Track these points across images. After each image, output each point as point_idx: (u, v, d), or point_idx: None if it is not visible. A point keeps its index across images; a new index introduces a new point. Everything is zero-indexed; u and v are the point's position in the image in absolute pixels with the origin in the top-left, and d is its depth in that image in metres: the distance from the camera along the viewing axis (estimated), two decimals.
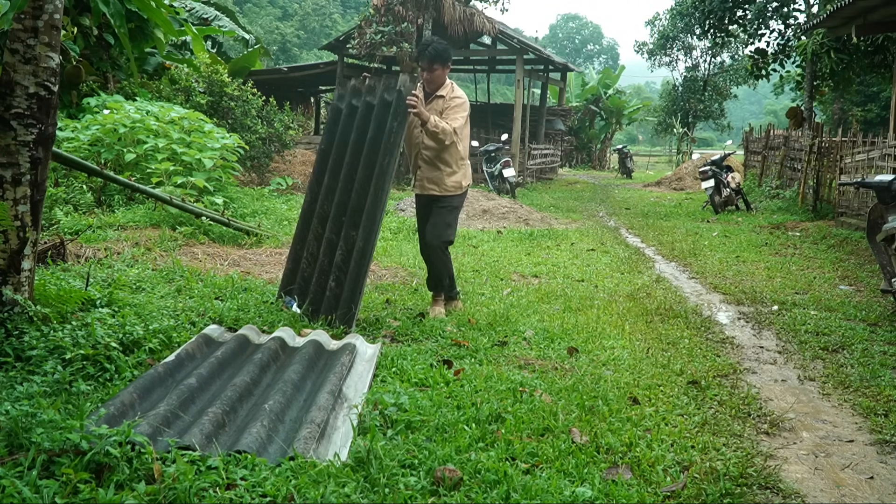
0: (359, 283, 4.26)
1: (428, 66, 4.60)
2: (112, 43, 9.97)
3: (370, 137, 4.42)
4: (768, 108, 64.99)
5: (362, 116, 4.53)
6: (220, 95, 12.26)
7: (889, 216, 5.24)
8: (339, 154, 4.58)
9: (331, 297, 4.33)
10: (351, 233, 4.33)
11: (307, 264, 4.52)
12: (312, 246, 4.53)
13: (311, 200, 4.64)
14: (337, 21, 58.69)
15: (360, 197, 4.37)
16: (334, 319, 4.28)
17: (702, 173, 12.68)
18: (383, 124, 4.40)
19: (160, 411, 2.78)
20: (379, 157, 4.35)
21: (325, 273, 4.42)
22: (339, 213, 4.44)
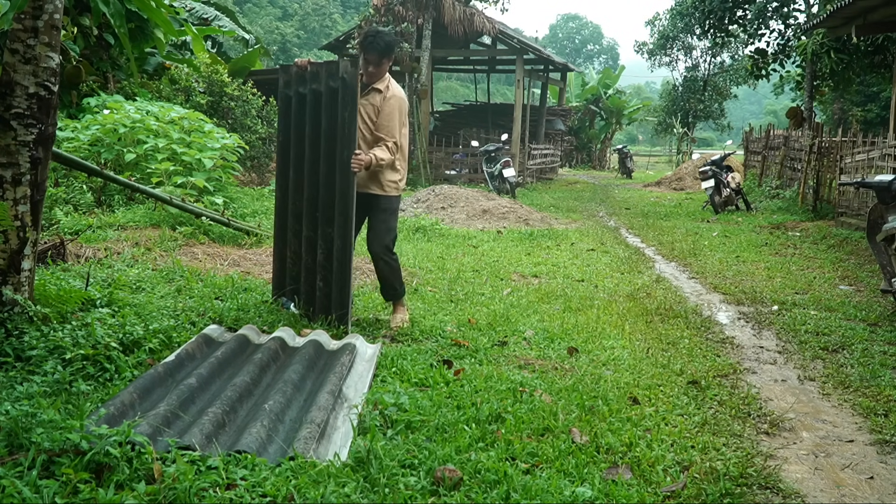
0: (344, 285, 4.18)
1: (376, 60, 4.28)
2: (112, 43, 9.97)
3: (325, 129, 4.21)
4: (768, 108, 64.98)
5: (312, 106, 4.29)
6: (220, 95, 12.26)
7: (889, 216, 5.24)
8: (299, 146, 4.37)
9: (322, 296, 4.27)
10: (327, 230, 4.21)
11: (292, 263, 4.44)
12: (293, 244, 4.42)
13: (282, 196, 4.48)
14: (337, 21, 58.68)
15: (327, 191, 4.20)
16: (333, 319, 4.25)
17: (702, 173, 12.68)
18: (333, 114, 4.17)
19: (160, 411, 2.78)
20: (337, 151, 4.14)
21: (312, 271, 4.34)
22: (311, 209, 4.29)
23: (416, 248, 7.61)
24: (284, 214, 4.48)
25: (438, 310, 4.98)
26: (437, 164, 17.27)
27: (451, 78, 58.36)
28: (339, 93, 4.14)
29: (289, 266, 4.46)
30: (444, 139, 18.07)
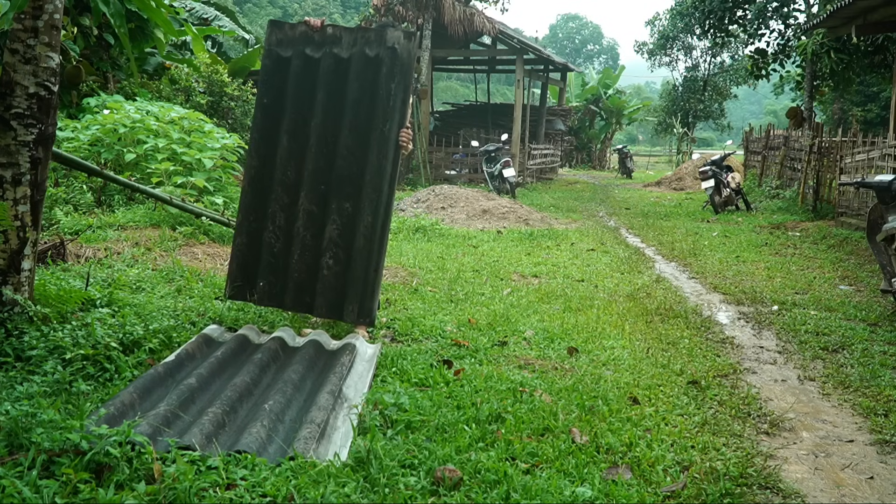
0: (369, 267, 3.77)
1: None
2: (112, 43, 9.97)
3: (354, 99, 3.89)
4: (768, 108, 64.97)
5: (332, 72, 3.92)
6: (220, 95, 12.26)
7: (889, 216, 5.24)
8: (301, 113, 3.96)
9: (330, 276, 3.83)
10: (344, 205, 3.83)
11: (276, 238, 3.93)
12: (279, 217, 3.92)
13: (262, 165, 3.97)
14: (337, 21, 58.69)
15: (350, 165, 3.85)
16: (349, 309, 3.80)
17: (702, 173, 12.68)
18: (373, 85, 3.88)
19: (160, 411, 2.78)
20: (378, 122, 3.86)
21: (313, 249, 3.89)
22: (315, 182, 3.89)
23: (416, 248, 7.61)
24: (267, 185, 3.96)
25: (438, 310, 4.98)
26: (437, 164, 17.27)
27: (451, 78, 58.33)
28: (383, 62, 3.87)
29: (268, 241, 3.93)
30: (444, 139, 18.06)
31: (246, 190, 4.01)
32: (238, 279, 3.96)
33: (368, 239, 3.83)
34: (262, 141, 4.00)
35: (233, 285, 4.01)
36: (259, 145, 4.01)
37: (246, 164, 4.04)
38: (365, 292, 3.81)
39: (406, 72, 3.90)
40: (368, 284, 3.79)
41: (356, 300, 3.81)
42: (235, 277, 3.98)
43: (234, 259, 4.01)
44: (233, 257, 4.01)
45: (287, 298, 3.92)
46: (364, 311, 3.80)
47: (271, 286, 3.93)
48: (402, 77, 3.89)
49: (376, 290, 3.85)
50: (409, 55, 3.91)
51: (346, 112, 3.91)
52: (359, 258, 3.82)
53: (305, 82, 3.97)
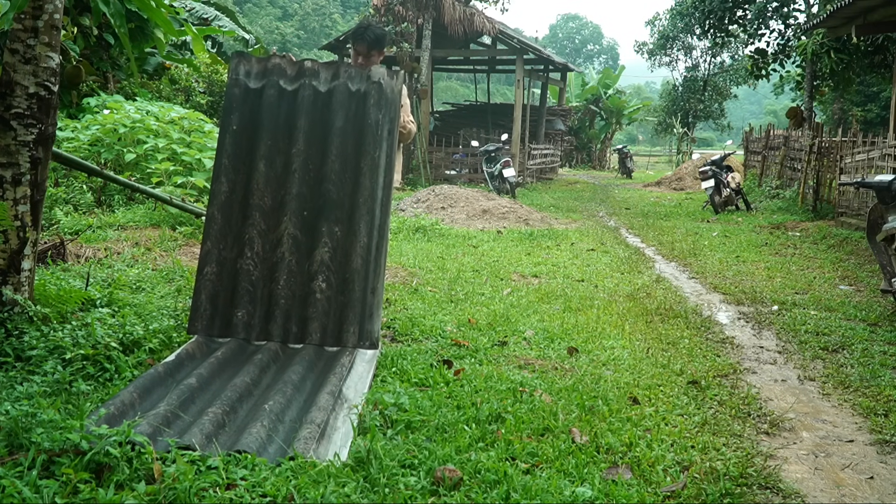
0: (366, 291, 3.65)
1: (364, 51, 4.37)
2: (112, 43, 9.97)
3: (339, 127, 3.87)
4: (768, 108, 64.98)
5: (312, 102, 3.91)
6: (220, 95, 12.26)
7: (889, 216, 5.24)
8: (278, 140, 3.86)
9: (323, 300, 3.66)
10: (334, 229, 3.73)
11: (254, 266, 3.68)
12: (257, 244, 3.70)
13: (231, 191, 3.76)
14: (337, 21, 58.68)
15: (339, 189, 3.79)
16: (349, 332, 3.64)
17: (702, 173, 12.68)
18: (359, 115, 3.90)
19: (160, 411, 2.78)
20: (368, 149, 3.84)
21: (301, 274, 3.71)
22: (299, 207, 3.75)
23: (416, 248, 7.62)
24: (241, 210, 3.75)
25: (438, 310, 4.98)
26: (437, 164, 17.27)
27: (451, 78, 58.37)
28: (370, 95, 3.92)
29: (246, 268, 3.67)
30: (444, 139, 18.06)
31: (214, 216, 3.70)
32: (207, 311, 3.57)
33: (365, 260, 3.70)
34: (233, 167, 3.79)
35: (199, 318, 3.56)
36: (228, 170, 3.78)
37: (212, 190, 3.76)
38: (364, 314, 3.63)
39: (392, 106, 3.94)
40: (367, 306, 3.63)
41: (355, 322, 3.62)
42: (203, 309, 3.56)
43: (202, 290, 3.60)
44: (198, 289, 3.60)
45: (273, 328, 3.62)
46: (364, 333, 3.62)
47: (250, 316, 3.62)
48: (387, 109, 3.92)
49: (375, 313, 3.66)
50: (394, 91, 3.96)
51: (331, 139, 3.85)
52: (356, 279, 3.66)
53: (282, 111, 3.89)
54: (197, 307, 3.60)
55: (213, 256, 3.65)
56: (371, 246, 3.74)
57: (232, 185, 3.77)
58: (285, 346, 3.78)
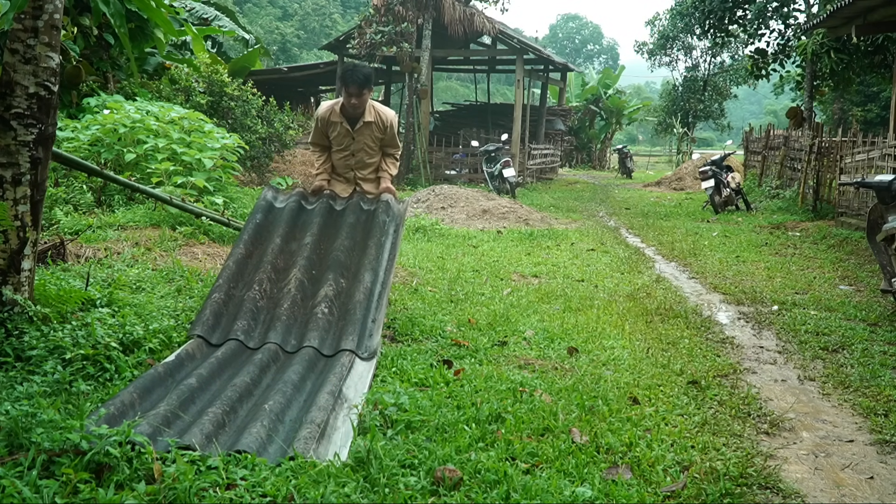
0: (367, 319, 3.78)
1: (357, 92, 4.52)
2: (112, 43, 9.97)
3: (350, 223, 4.36)
4: (768, 108, 64.95)
5: (328, 210, 4.48)
6: (220, 95, 12.26)
7: (889, 216, 5.24)
8: (296, 227, 4.38)
9: (324, 320, 3.78)
10: (340, 280, 3.97)
11: (261, 296, 3.88)
12: (266, 284, 3.95)
13: (248, 255, 4.16)
14: (337, 21, 58.65)
15: (347, 258, 4.13)
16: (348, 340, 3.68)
17: (702, 173, 12.68)
18: (369, 217, 4.43)
19: (160, 411, 2.78)
20: (375, 234, 4.29)
21: (304, 305, 3.88)
22: (308, 266, 4.06)
23: (416, 248, 7.62)
24: (255, 266, 4.10)
25: (438, 310, 4.98)
26: (437, 164, 17.27)
27: (451, 78, 58.35)
28: (379, 207, 4.48)
29: (251, 298, 3.87)
30: (444, 139, 18.06)
31: (229, 266, 4.06)
32: (209, 321, 3.75)
33: (367, 296, 3.90)
34: (251, 241, 4.26)
35: (200, 324, 3.73)
36: (248, 243, 4.23)
37: (231, 252, 4.19)
38: (363, 334, 3.72)
39: (399, 216, 4.43)
40: (367, 329, 3.74)
41: (354, 336, 3.71)
42: (206, 319, 3.76)
43: (208, 307, 3.82)
44: (206, 305, 3.83)
45: (272, 336, 3.69)
46: (362, 346, 3.68)
47: (251, 328, 3.75)
48: (394, 217, 4.42)
49: (375, 334, 3.73)
50: (401, 212, 4.50)
51: (343, 229, 4.33)
52: (357, 308, 3.83)
53: (301, 215, 4.48)
54: (200, 317, 3.77)
55: (223, 289, 3.93)
56: (374, 291, 3.95)
57: (249, 251, 4.19)
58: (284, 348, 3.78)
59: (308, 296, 3.91)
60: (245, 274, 4.03)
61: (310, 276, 4.00)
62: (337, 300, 3.87)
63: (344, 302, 3.87)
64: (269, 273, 3.99)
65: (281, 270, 4.05)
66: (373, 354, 3.63)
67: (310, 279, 3.99)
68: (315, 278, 4.00)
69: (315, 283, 3.97)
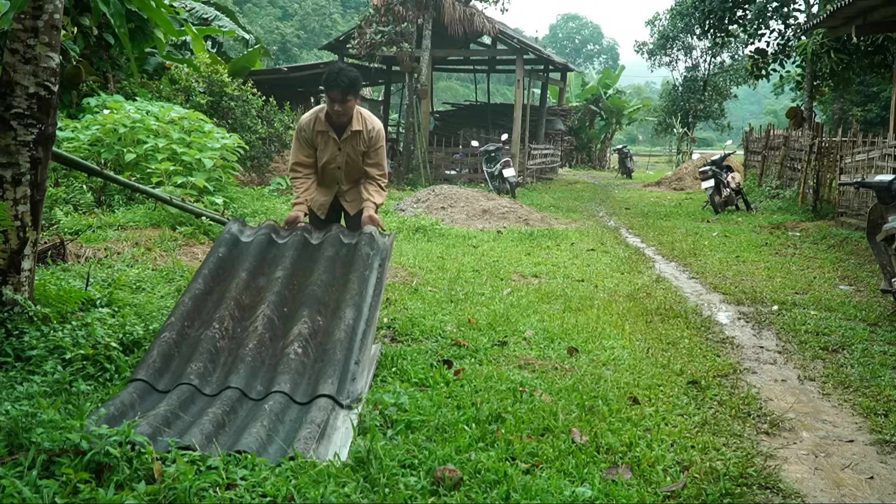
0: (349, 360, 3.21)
1: (341, 97, 4.08)
2: (112, 43, 9.97)
3: (328, 256, 3.81)
4: (768, 108, 64.96)
5: (303, 244, 3.90)
6: (220, 95, 12.26)
7: (889, 216, 5.24)
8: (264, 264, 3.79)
9: (297, 361, 3.19)
10: (316, 317, 3.43)
11: (221, 336, 3.31)
12: (228, 322, 3.38)
13: (208, 292, 3.58)
14: (337, 21, 58.65)
15: (325, 293, 3.58)
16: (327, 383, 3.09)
17: (702, 173, 12.68)
18: (349, 252, 3.84)
19: (160, 411, 2.78)
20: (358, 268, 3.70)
21: (274, 345, 3.32)
22: (279, 303, 3.51)
23: (416, 248, 7.62)
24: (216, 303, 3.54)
25: (438, 310, 4.98)
26: (437, 164, 17.27)
27: (451, 78, 58.35)
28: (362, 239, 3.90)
29: (210, 337, 3.28)
30: (444, 139, 18.06)
31: (185, 302, 3.47)
32: (157, 363, 3.16)
33: (349, 335, 3.34)
34: (212, 275, 3.67)
35: (145, 368, 3.11)
36: (207, 278, 3.64)
37: (189, 285, 3.61)
38: (344, 377, 3.15)
39: (384, 250, 3.88)
40: (349, 372, 3.18)
41: (334, 378, 3.12)
42: (153, 361, 3.16)
43: (156, 347, 3.23)
44: (154, 346, 3.24)
45: (234, 380, 3.09)
46: (344, 391, 3.10)
47: (208, 371, 3.16)
48: (378, 251, 3.85)
49: (359, 379, 3.19)
50: (387, 246, 3.94)
51: (320, 263, 3.78)
52: (338, 348, 3.26)
53: (271, 249, 3.89)
54: (146, 359, 3.16)
55: (175, 327, 3.33)
56: (356, 328, 3.39)
57: (209, 287, 3.61)
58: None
59: (278, 335, 3.37)
60: (203, 312, 3.48)
61: (280, 314, 3.47)
62: (313, 339, 3.33)
63: (321, 342, 3.33)
64: (231, 310, 3.44)
65: (246, 308, 3.52)
66: (356, 401, 3.08)
67: (280, 317, 3.45)
68: (286, 316, 3.47)
69: (287, 322, 3.44)
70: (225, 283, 3.64)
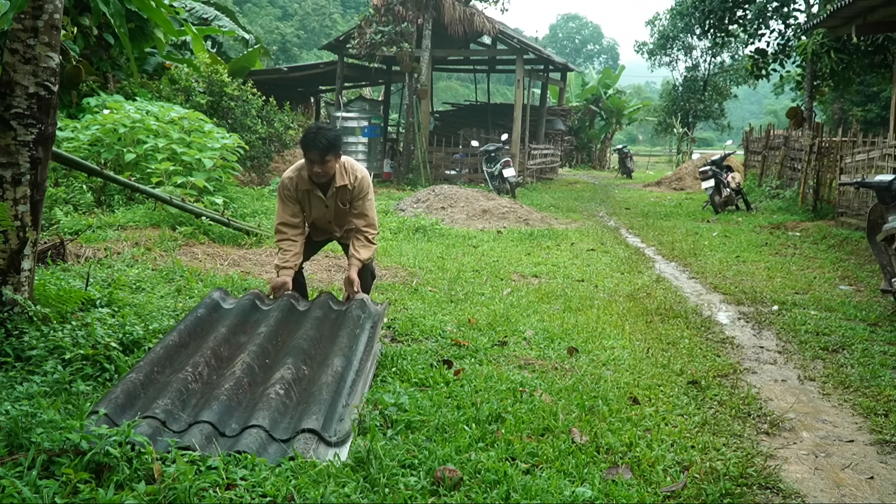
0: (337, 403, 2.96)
1: (320, 159, 3.91)
2: (112, 43, 9.98)
3: (316, 317, 3.67)
4: (768, 108, 64.94)
5: (290, 309, 3.76)
6: (220, 95, 12.26)
7: (889, 216, 5.24)
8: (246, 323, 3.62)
9: (278, 401, 2.90)
10: (301, 366, 3.21)
11: (194, 379, 3.03)
12: (204, 369, 3.13)
13: (183, 345, 3.37)
14: (337, 21, 58.63)
15: (311, 346, 3.41)
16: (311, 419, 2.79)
17: (702, 173, 12.68)
18: (339, 315, 3.74)
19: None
20: (348, 326, 3.57)
21: (251, 387, 3.05)
22: (260, 354, 3.29)
23: (416, 248, 7.62)
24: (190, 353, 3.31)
25: (438, 310, 4.98)
26: (437, 164, 17.27)
27: (451, 78, 58.34)
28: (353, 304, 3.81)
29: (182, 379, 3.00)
30: (444, 139, 18.06)
31: (156, 350, 3.24)
32: (120, 399, 2.84)
33: (337, 380, 3.12)
34: (189, 331, 3.48)
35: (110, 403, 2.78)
36: (184, 332, 3.44)
37: (163, 337, 3.41)
38: (331, 416, 2.88)
39: (376, 316, 3.77)
40: (336, 413, 2.92)
41: (320, 415, 2.86)
42: (116, 397, 2.84)
43: (121, 385, 2.93)
44: (119, 384, 2.96)
45: (206, 415, 2.78)
46: (330, 429, 2.81)
47: (176, 408, 2.85)
48: (370, 314, 3.75)
49: (347, 419, 2.90)
50: (378, 312, 3.83)
51: (306, 322, 3.65)
52: (325, 390, 3.02)
53: (254, 312, 3.75)
54: (109, 394, 2.85)
55: (143, 370, 3.06)
56: (345, 376, 3.17)
57: (184, 341, 3.40)
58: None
59: (258, 381, 3.10)
60: (176, 361, 3.21)
61: (261, 364, 3.23)
62: (297, 385, 3.07)
63: (306, 387, 3.08)
64: (208, 358, 3.20)
65: (224, 359, 3.27)
66: (343, 440, 2.77)
67: (261, 366, 3.21)
68: (268, 366, 3.24)
69: (268, 370, 3.19)
70: (202, 339, 3.42)
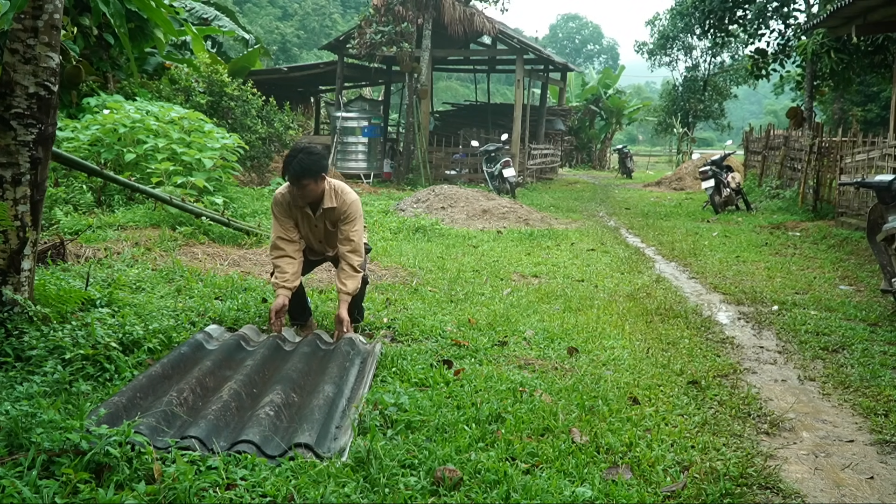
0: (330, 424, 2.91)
1: (296, 182, 3.96)
2: (112, 43, 9.97)
3: (304, 353, 3.68)
4: (768, 108, 64.93)
5: (276, 348, 3.74)
6: (220, 95, 12.26)
7: (889, 216, 5.24)
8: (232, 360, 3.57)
9: (268, 421, 2.80)
10: (291, 394, 3.14)
11: (178, 404, 2.92)
12: (188, 395, 3.04)
13: (166, 377, 3.28)
14: (337, 21, 58.63)
15: (300, 376, 3.37)
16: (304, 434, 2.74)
17: (702, 173, 12.68)
18: (327, 353, 3.76)
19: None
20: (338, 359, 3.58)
21: (238, 411, 2.97)
22: (247, 383, 3.23)
23: (416, 248, 7.62)
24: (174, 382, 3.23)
25: (438, 310, 4.98)
26: (437, 164, 17.27)
27: (451, 78, 58.33)
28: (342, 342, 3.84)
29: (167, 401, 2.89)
30: (444, 139, 18.07)
31: (139, 379, 3.17)
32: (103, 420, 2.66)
33: (329, 405, 3.09)
34: (172, 365, 3.41)
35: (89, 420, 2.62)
36: (167, 365, 3.38)
37: (148, 370, 3.31)
38: (325, 434, 2.83)
39: (366, 355, 3.76)
40: (329, 432, 2.86)
41: (313, 432, 2.80)
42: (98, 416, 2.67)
43: (103, 407, 2.82)
44: (100, 406, 2.85)
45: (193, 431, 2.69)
46: (324, 446, 2.75)
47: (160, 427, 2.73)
48: (359, 352, 3.76)
49: (340, 438, 2.82)
50: (368, 351, 3.83)
51: (295, 357, 3.64)
52: (316, 412, 2.98)
53: (239, 351, 3.73)
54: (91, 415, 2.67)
55: (125, 395, 2.98)
56: (337, 403, 3.14)
57: (168, 373, 3.33)
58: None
59: (246, 406, 3.02)
60: (159, 390, 3.13)
61: (249, 392, 3.16)
62: (287, 409, 2.99)
63: (297, 411, 3.02)
64: (193, 386, 3.11)
65: (210, 389, 3.20)
66: (337, 456, 2.66)
67: (249, 394, 3.14)
68: (256, 394, 3.17)
69: (256, 398, 3.12)
70: (187, 371, 3.35)
